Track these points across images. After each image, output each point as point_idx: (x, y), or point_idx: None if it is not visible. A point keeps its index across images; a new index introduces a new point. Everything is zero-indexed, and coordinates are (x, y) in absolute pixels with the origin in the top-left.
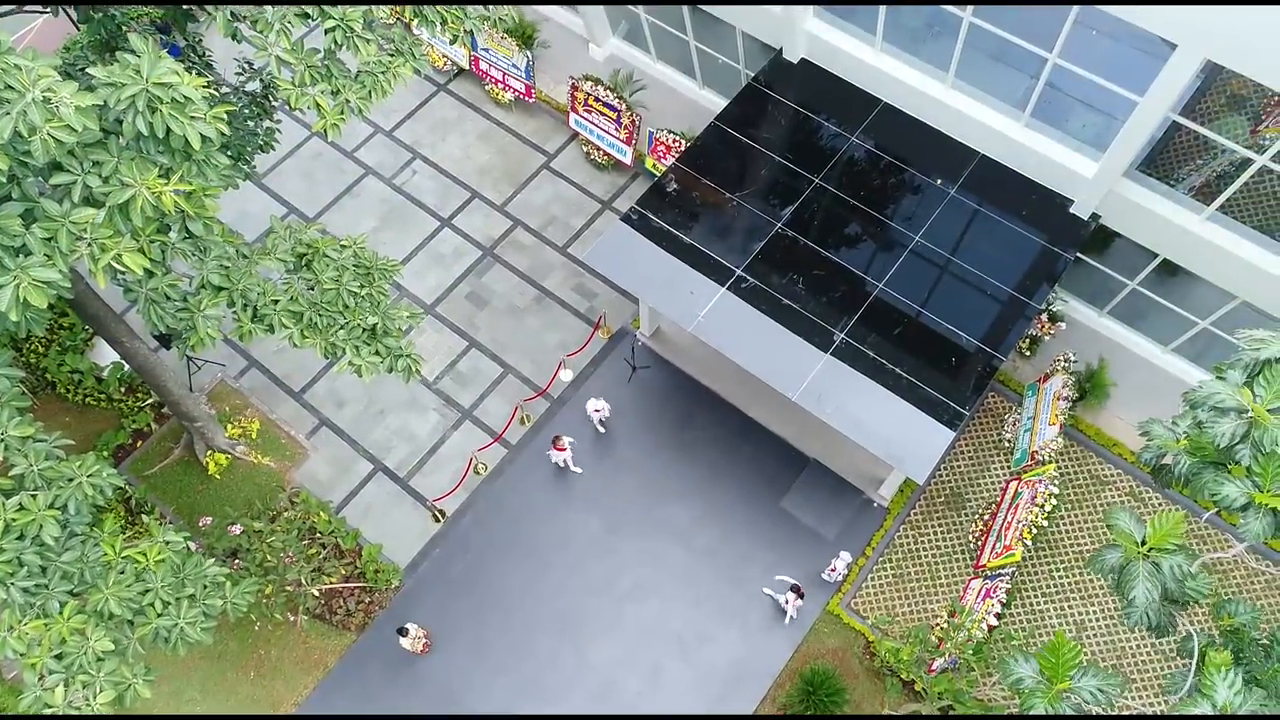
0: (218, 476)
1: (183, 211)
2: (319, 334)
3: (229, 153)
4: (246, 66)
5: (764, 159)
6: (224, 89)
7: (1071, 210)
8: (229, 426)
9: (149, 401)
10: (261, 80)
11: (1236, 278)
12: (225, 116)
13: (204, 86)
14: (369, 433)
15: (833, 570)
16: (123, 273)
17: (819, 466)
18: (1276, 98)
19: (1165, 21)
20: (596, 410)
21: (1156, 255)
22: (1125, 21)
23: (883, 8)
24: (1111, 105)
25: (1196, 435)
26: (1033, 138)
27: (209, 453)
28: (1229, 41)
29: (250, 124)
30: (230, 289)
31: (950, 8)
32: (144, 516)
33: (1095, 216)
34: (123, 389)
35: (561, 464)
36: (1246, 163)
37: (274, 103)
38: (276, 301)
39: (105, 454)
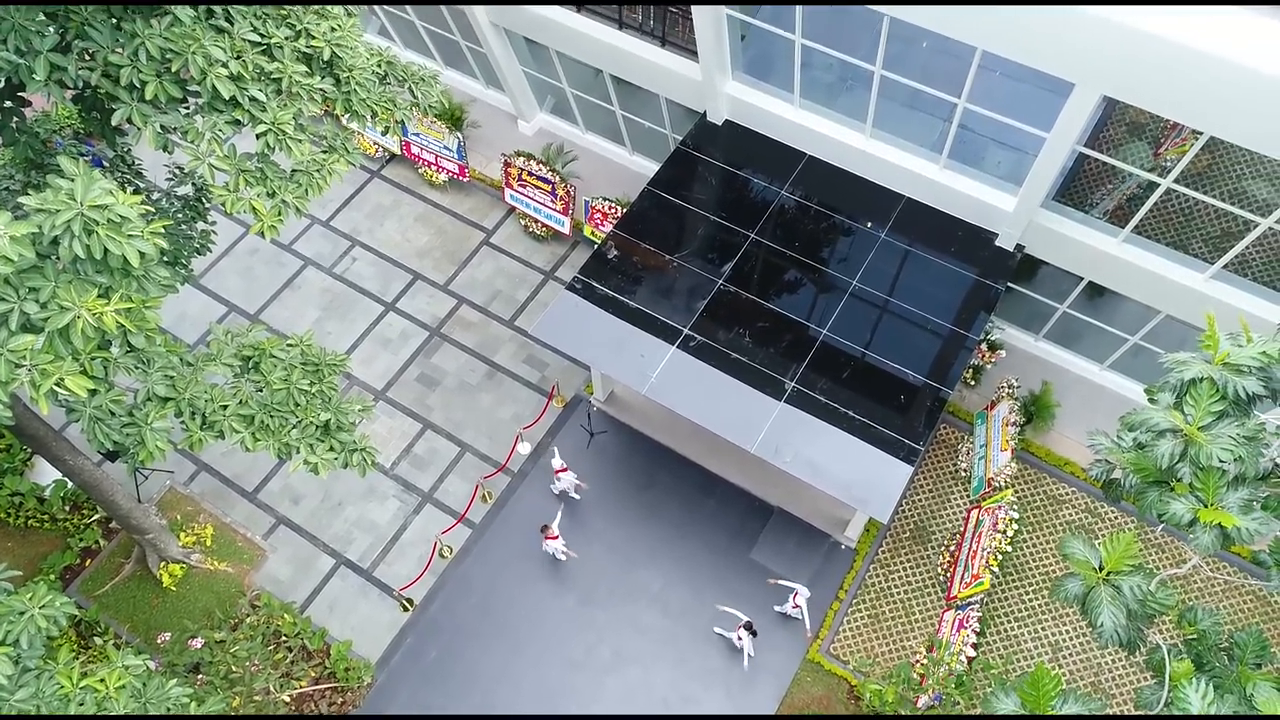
0: (173, 588)
1: (123, 326)
2: (271, 436)
3: (166, 258)
4: (178, 172)
5: (699, 218)
6: (155, 195)
7: (997, 243)
8: (182, 535)
9: (95, 517)
10: (194, 183)
11: (1157, 293)
12: (163, 230)
13: (139, 202)
14: (328, 526)
15: (796, 607)
16: (65, 396)
17: (784, 514)
18: (1172, 122)
19: (1062, 63)
20: (561, 471)
21: (1082, 278)
22: (1025, 65)
23: (796, 68)
24: (1022, 142)
25: (1137, 457)
26: (952, 178)
27: (162, 564)
28: (1122, 78)
29: (185, 228)
30: (177, 399)
31: (860, 63)
32: (97, 639)
33: (1020, 247)
34: (67, 507)
35: (558, 554)
36: (1153, 185)
37: (207, 204)
38: (226, 407)
39: (53, 577)
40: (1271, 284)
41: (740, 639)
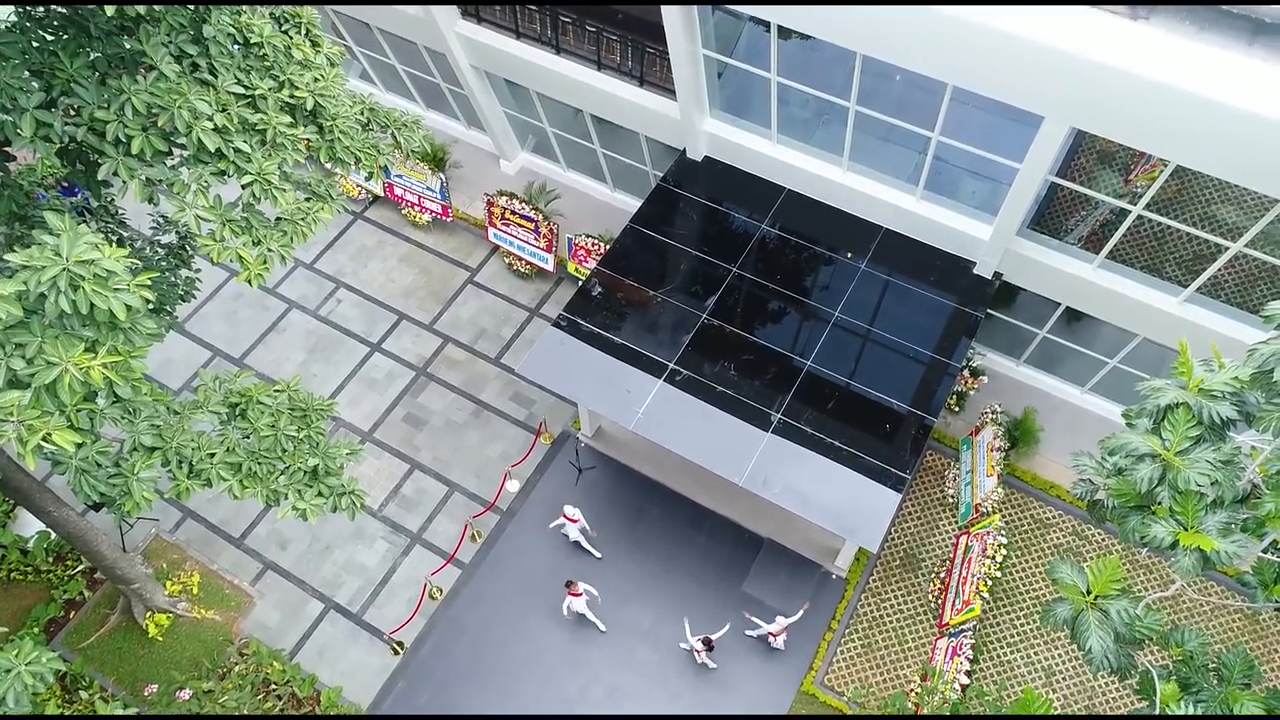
0: (160, 639)
1: (109, 378)
2: (259, 483)
3: (151, 306)
4: (162, 220)
5: (682, 253)
6: (139, 244)
7: (975, 271)
8: (168, 584)
9: (80, 568)
10: (177, 231)
11: (1133, 317)
12: (149, 282)
13: (126, 255)
14: (316, 571)
15: (773, 636)
16: (51, 450)
17: (774, 545)
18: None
19: (1031, 97)
20: (572, 520)
21: (1059, 304)
22: (996, 99)
23: (773, 104)
24: (996, 173)
25: (1118, 482)
26: (928, 209)
27: (149, 614)
28: (1089, 110)
29: (169, 275)
30: (164, 448)
31: (835, 99)
32: (82, 693)
33: (998, 275)
34: (51, 559)
35: (582, 611)
36: (1125, 212)
37: (191, 251)
38: (213, 455)
39: (36, 630)
40: (1244, 306)
41: (698, 651)
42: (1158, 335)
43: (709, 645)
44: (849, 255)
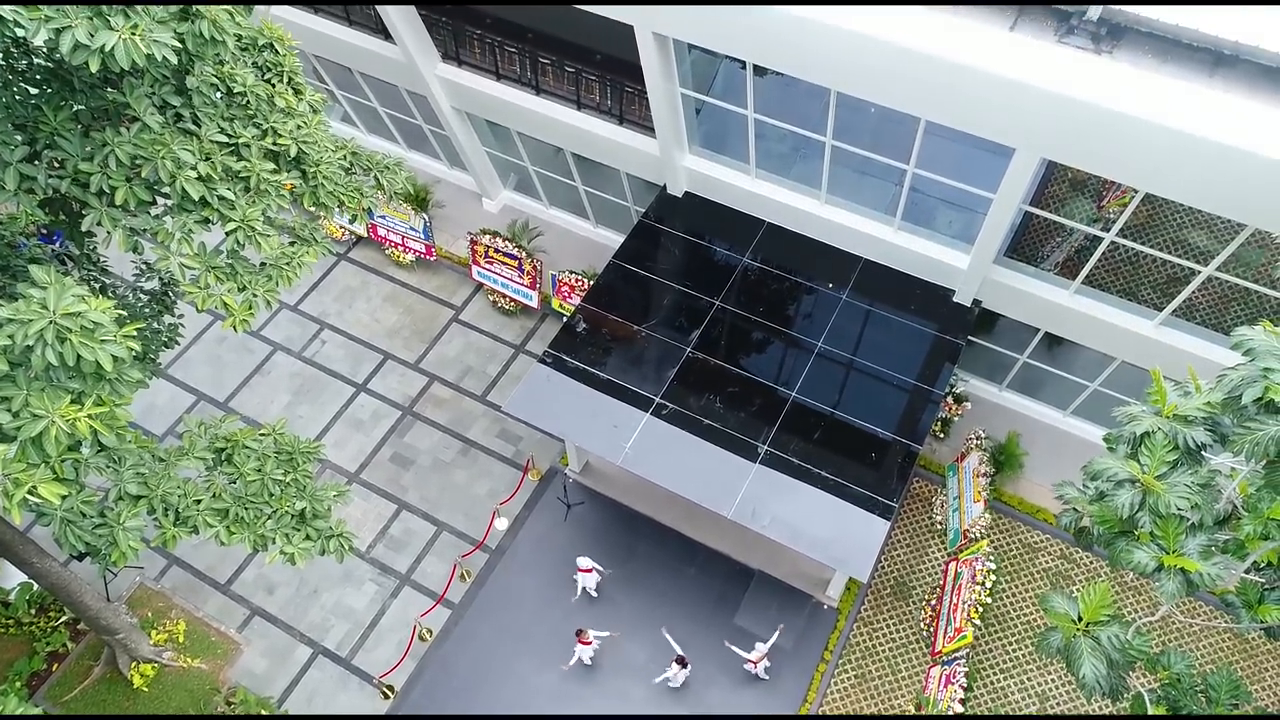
0: (145, 689)
1: (95, 428)
2: (247, 528)
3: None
4: (144, 267)
5: (665, 288)
6: (122, 290)
7: (955, 299)
8: (153, 633)
9: (63, 619)
10: (160, 277)
11: (1111, 341)
12: (136, 333)
13: (112, 306)
14: (304, 615)
15: (753, 664)
16: (36, 502)
17: (765, 577)
18: None
19: (1002, 130)
20: (586, 571)
21: (1038, 330)
22: (969, 132)
23: (751, 140)
24: (971, 202)
25: (1100, 507)
26: (907, 239)
27: (133, 665)
28: (1059, 142)
29: (153, 322)
30: (149, 496)
31: (811, 134)
32: None
33: (977, 302)
34: (33, 610)
35: (588, 660)
36: (1099, 238)
37: (174, 297)
38: (199, 501)
39: (19, 684)
40: (1218, 327)
41: (671, 670)
42: (1136, 358)
43: (683, 663)
44: (830, 286)
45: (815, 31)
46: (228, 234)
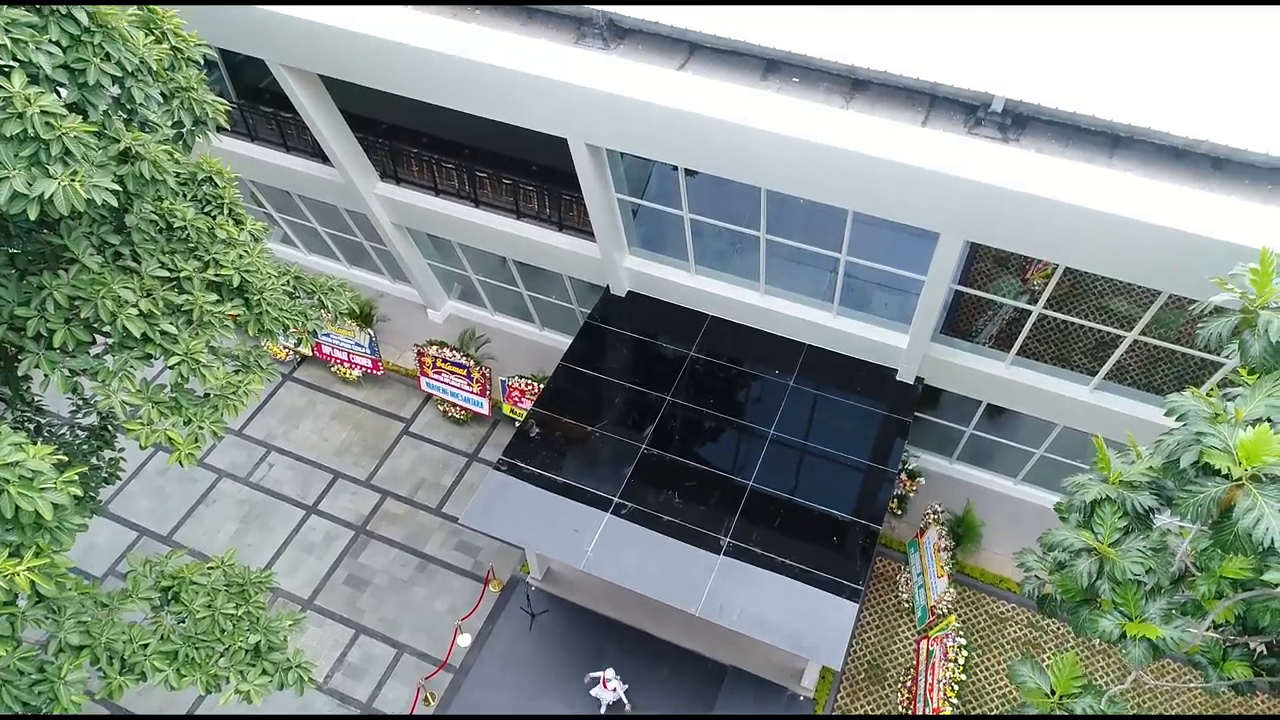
0: None
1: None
2: (198, 669)
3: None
4: (82, 403)
5: (616, 387)
6: (59, 429)
7: (898, 378)
8: None
9: None
10: (99, 412)
11: (1050, 408)
12: (77, 477)
13: (51, 452)
14: None
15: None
16: None
17: (738, 672)
18: None
19: (925, 216)
20: (610, 687)
21: (981, 402)
22: (894, 220)
23: (688, 239)
24: (904, 284)
25: (1060, 577)
26: (846, 323)
27: None
28: (978, 225)
29: (93, 458)
30: (93, 645)
31: (745, 230)
32: None
33: (919, 379)
34: None
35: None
36: (1028, 310)
37: (113, 431)
38: (146, 645)
39: None
40: (1148, 388)
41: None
42: (1076, 423)
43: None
44: (777, 373)
45: (743, 136)
46: (171, 367)
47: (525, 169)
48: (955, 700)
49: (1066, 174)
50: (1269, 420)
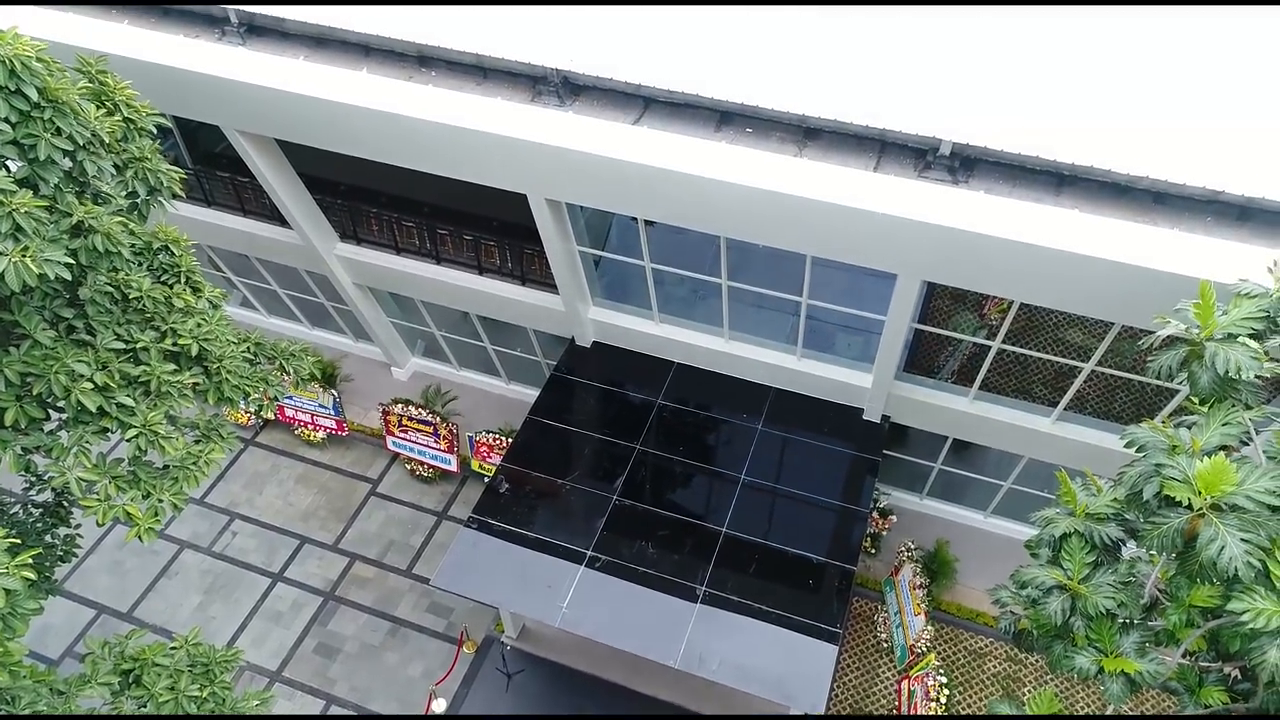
0: None
1: None
2: None
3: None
4: (35, 480)
5: (585, 438)
6: (10, 506)
7: (865, 417)
8: None
9: None
10: (53, 488)
11: (1014, 440)
12: (31, 561)
13: (4, 536)
14: None
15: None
16: None
17: None
18: None
19: (881, 258)
20: None
21: (947, 438)
22: (851, 263)
23: (651, 288)
24: (866, 325)
25: (1034, 614)
26: (810, 365)
27: None
28: (933, 265)
29: (47, 537)
30: None
31: (707, 277)
32: None
33: (886, 417)
34: None
35: None
36: (987, 346)
37: (69, 506)
38: None
39: None
40: (1108, 416)
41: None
42: (1040, 454)
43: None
44: (745, 418)
45: (700, 186)
46: (128, 440)
47: (486, 225)
48: None
49: (1015, 213)
50: (1224, 449)
